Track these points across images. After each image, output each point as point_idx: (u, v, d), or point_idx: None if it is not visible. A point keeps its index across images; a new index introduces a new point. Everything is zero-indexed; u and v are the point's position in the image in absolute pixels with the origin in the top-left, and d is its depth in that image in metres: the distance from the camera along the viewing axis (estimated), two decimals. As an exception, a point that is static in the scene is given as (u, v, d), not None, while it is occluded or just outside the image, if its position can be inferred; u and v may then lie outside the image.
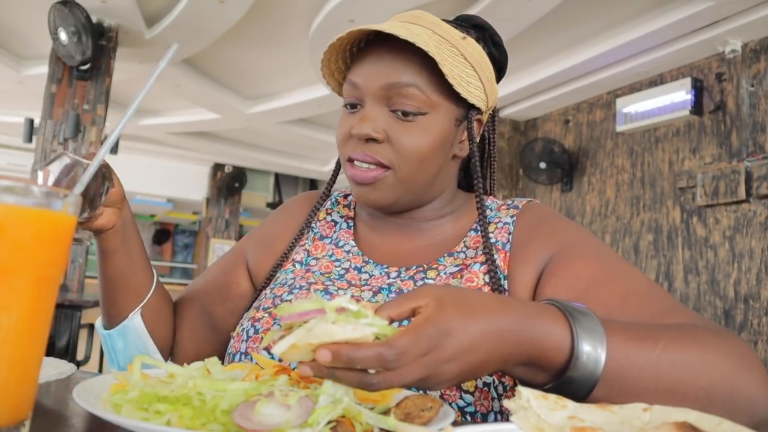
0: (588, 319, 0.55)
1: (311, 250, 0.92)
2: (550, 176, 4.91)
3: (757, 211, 3.45)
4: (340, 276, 0.86)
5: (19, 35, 4.76)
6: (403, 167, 0.80)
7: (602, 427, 0.36)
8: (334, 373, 0.47)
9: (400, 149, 0.79)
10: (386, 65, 0.79)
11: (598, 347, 0.53)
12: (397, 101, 0.79)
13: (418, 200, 0.86)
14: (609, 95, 4.62)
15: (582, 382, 0.53)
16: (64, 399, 0.57)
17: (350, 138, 0.82)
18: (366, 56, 0.82)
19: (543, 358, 0.54)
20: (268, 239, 0.98)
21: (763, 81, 3.54)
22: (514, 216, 0.86)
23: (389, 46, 0.80)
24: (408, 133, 0.79)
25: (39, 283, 0.41)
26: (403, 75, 0.79)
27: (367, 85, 0.80)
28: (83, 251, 4.23)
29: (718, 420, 0.35)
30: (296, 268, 0.90)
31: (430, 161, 0.81)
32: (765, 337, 3.34)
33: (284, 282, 0.87)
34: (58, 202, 0.42)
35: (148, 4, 4.06)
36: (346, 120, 0.84)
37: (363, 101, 0.82)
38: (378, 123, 0.79)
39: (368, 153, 0.80)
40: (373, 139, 0.79)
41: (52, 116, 4.10)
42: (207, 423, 0.43)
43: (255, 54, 4.78)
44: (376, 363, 0.46)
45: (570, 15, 3.74)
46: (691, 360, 0.56)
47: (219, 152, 7.62)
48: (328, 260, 0.89)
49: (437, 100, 0.80)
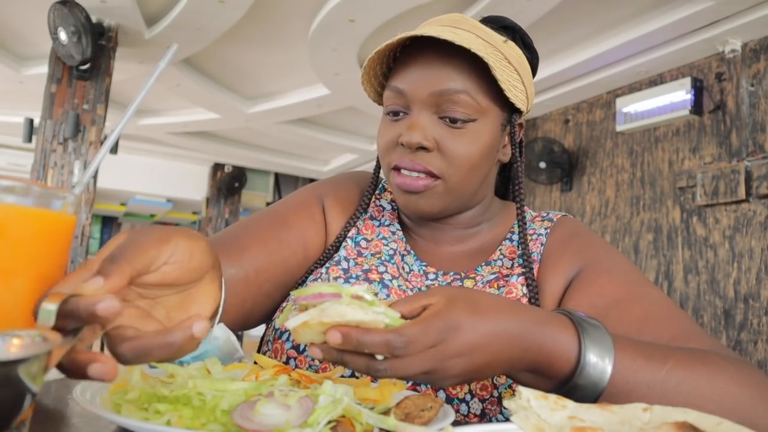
0: (597, 331, 0.55)
1: (362, 229, 0.91)
2: (550, 176, 4.91)
3: (757, 211, 3.45)
4: (390, 257, 0.85)
5: (19, 35, 4.76)
6: (453, 176, 0.78)
7: (602, 427, 0.36)
8: (343, 357, 0.48)
9: (450, 158, 0.77)
10: (435, 71, 0.77)
11: (605, 359, 0.53)
12: (446, 108, 0.77)
13: (463, 207, 0.86)
14: (609, 95, 4.62)
15: (586, 392, 0.53)
16: (64, 399, 0.57)
17: (396, 146, 0.80)
18: (411, 62, 0.79)
19: (549, 365, 0.54)
20: (342, 202, 0.92)
21: (763, 81, 3.54)
22: (548, 228, 0.86)
23: (435, 51, 0.78)
24: (458, 141, 0.78)
25: (39, 283, 0.41)
26: (453, 81, 0.77)
27: (414, 92, 0.78)
28: (83, 251, 4.23)
29: (718, 420, 0.35)
30: (348, 245, 0.88)
31: (479, 169, 0.80)
32: (765, 337, 3.34)
33: (338, 261, 0.85)
34: (58, 202, 0.42)
35: (148, 4, 4.06)
36: (389, 127, 0.81)
37: (409, 108, 0.79)
38: (428, 131, 0.77)
39: (418, 162, 0.78)
40: (422, 148, 0.77)
41: (52, 116, 4.10)
42: (207, 423, 0.43)
43: (255, 54, 4.77)
44: (383, 348, 0.46)
45: (570, 15, 3.74)
46: (699, 383, 0.55)
47: (219, 152, 7.62)
48: (377, 240, 0.88)
49: (487, 105, 0.79)
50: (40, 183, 0.47)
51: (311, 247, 0.88)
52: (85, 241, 4.22)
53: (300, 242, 0.86)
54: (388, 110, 0.82)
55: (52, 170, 4.09)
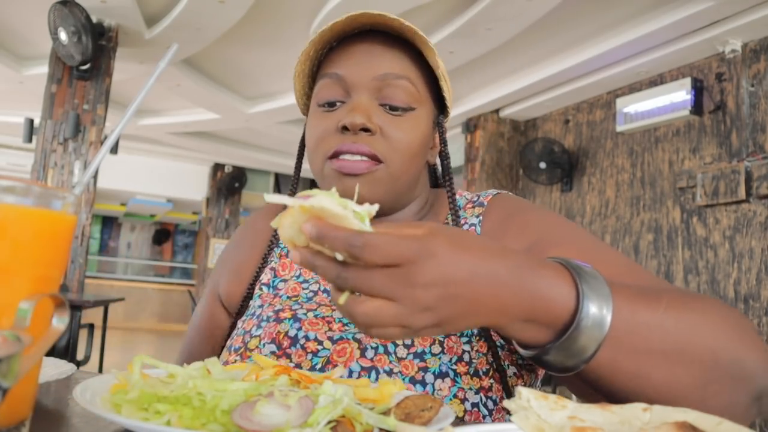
0: (592, 275, 0.52)
1: (278, 270, 0.86)
2: (550, 176, 4.91)
3: (757, 211, 3.45)
4: (309, 299, 0.80)
5: (19, 35, 4.76)
6: (396, 161, 0.75)
7: (602, 427, 0.36)
8: (315, 261, 0.46)
9: (393, 142, 0.75)
10: (377, 56, 0.76)
11: (603, 304, 0.50)
12: (388, 93, 0.75)
13: (400, 202, 0.81)
14: (609, 95, 4.63)
15: (588, 339, 0.50)
16: (64, 399, 0.57)
17: (334, 133, 0.75)
18: (350, 48, 0.77)
19: (546, 312, 0.50)
20: (236, 267, 0.91)
21: (763, 81, 3.54)
22: (481, 215, 0.81)
23: (374, 37, 0.77)
24: (399, 127, 0.75)
25: (39, 283, 0.41)
26: (396, 66, 0.75)
27: (355, 77, 0.75)
28: (83, 251, 4.23)
29: (718, 420, 0.35)
30: (263, 292, 0.84)
31: (417, 159, 0.78)
32: (765, 337, 3.34)
33: (252, 313, 0.81)
34: (58, 202, 0.42)
35: (148, 4, 4.06)
36: (324, 118, 0.77)
37: (349, 95, 0.76)
38: (370, 113, 0.74)
39: (361, 144, 0.73)
40: (365, 130, 0.74)
41: (52, 116, 4.10)
42: (207, 423, 0.43)
43: (255, 54, 4.78)
44: (342, 245, 0.44)
45: (570, 15, 3.74)
46: (695, 319, 0.53)
47: (219, 152, 7.62)
48: (295, 282, 0.83)
49: (425, 96, 0.78)
50: (40, 183, 0.47)
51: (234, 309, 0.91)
52: (85, 241, 4.23)
53: (222, 329, 0.91)
54: (322, 101, 0.77)
55: (52, 170, 4.09)
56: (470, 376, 0.71)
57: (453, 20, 3.91)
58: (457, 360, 0.71)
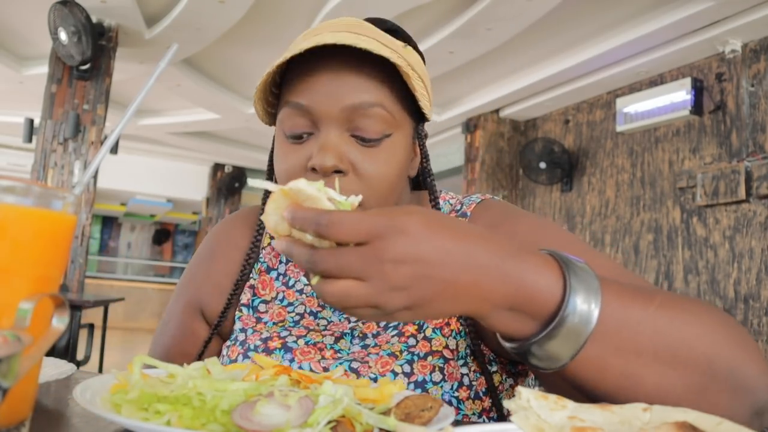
0: (582, 268, 0.50)
1: (258, 288, 0.81)
2: (550, 176, 4.91)
3: (757, 211, 3.45)
4: (296, 323, 0.77)
5: (19, 35, 4.76)
6: (372, 198, 0.69)
7: (602, 427, 0.36)
8: (292, 250, 0.46)
9: (368, 180, 0.69)
10: (344, 82, 0.68)
11: (592, 298, 0.48)
12: (359, 124, 0.68)
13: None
14: (609, 95, 4.63)
15: (575, 332, 0.47)
16: (64, 399, 0.57)
17: (303, 172, 0.70)
18: (313, 73, 0.69)
19: (530, 301, 0.48)
20: (218, 280, 0.84)
21: (763, 81, 3.54)
22: None
23: (340, 60, 0.68)
24: (374, 161, 0.69)
25: (39, 283, 0.41)
26: (366, 93, 0.68)
27: (322, 108, 0.68)
28: (83, 251, 4.23)
29: (718, 420, 0.35)
30: (243, 314, 0.80)
31: (396, 188, 0.72)
32: (765, 337, 3.34)
33: (235, 338, 0.78)
34: (58, 202, 0.42)
35: (148, 4, 4.07)
36: (292, 151, 0.70)
37: (317, 127, 0.69)
38: (342, 152, 0.68)
39: (332, 188, 0.71)
40: (337, 171, 0.68)
41: (52, 116, 4.10)
42: (207, 423, 0.43)
43: (255, 54, 4.78)
44: (309, 224, 0.44)
45: (570, 15, 3.74)
46: (689, 321, 0.50)
47: (219, 152, 7.62)
48: (279, 306, 0.79)
49: (400, 118, 0.71)
50: (40, 183, 0.47)
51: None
52: (85, 241, 4.23)
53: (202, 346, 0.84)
54: (288, 134, 0.71)
55: (52, 170, 4.09)
56: (472, 401, 0.70)
57: (453, 20, 3.91)
58: (459, 386, 0.70)
